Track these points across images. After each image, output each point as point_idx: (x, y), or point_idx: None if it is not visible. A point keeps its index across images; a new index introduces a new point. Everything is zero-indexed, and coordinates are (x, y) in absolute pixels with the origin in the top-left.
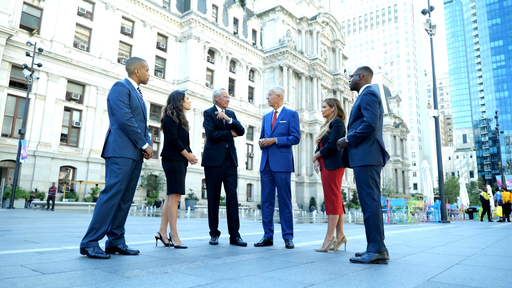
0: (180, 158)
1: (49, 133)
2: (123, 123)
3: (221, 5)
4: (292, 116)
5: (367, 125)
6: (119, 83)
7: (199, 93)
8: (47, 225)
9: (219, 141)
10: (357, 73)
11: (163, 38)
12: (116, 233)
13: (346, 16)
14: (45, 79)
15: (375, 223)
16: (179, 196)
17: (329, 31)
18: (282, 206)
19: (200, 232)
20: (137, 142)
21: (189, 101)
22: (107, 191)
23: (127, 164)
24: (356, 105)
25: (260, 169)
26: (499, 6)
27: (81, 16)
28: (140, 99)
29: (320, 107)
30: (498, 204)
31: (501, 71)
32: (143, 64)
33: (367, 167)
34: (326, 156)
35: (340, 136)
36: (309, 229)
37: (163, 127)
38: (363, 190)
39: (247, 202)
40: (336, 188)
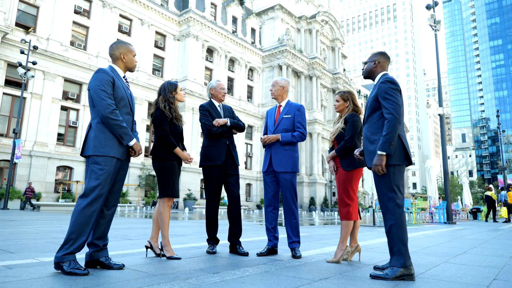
0: (172, 157)
1: (46, 133)
2: (105, 116)
3: (220, 3)
4: (298, 110)
5: (391, 118)
6: (101, 70)
7: (198, 92)
8: (33, 230)
9: (219, 138)
10: (371, 59)
11: (161, 37)
12: (98, 244)
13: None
14: (41, 78)
15: (399, 233)
16: (172, 200)
17: (328, 30)
18: (287, 211)
19: (197, 238)
20: (122, 138)
21: (182, 93)
22: (86, 195)
23: (110, 163)
24: (373, 96)
25: (263, 169)
26: (498, 5)
27: (78, 14)
28: (126, 88)
29: (319, 106)
30: (503, 205)
31: (500, 70)
32: (129, 48)
33: (388, 167)
34: (343, 155)
35: (357, 132)
36: (314, 233)
37: (153, 123)
38: (384, 194)
39: (246, 202)
40: (353, 192)
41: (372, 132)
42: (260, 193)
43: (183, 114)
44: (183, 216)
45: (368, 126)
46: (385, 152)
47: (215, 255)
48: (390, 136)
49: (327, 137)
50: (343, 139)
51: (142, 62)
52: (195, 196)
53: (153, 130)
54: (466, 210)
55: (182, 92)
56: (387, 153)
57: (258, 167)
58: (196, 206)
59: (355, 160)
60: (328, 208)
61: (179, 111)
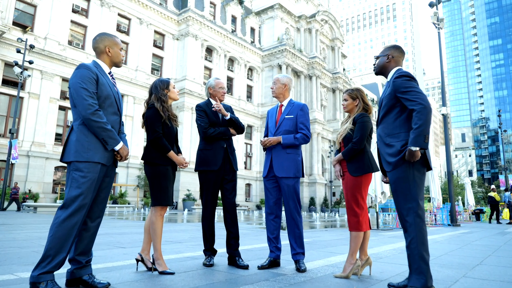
0: (165, 162)
1: (43, 133)
2: (87, 118)
3: (219, 2)
4: (301, 110)
5: (420, 108)
6: (83, 65)
7: (197, 92)
8: (21, 236)
9: (216, 141)
10: (384, 54)
11: (160, 36)
12: (80, 261)
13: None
14: (39, 78)
15: (419, 248)
16: (165, 209)
17: (328, 29)
18: (290, 220)
19: (194, 245)
20: (106, 142)
21: (176, 90)
22: (67, 206)
23: (93, 170)
24: (388, 93)
25: (263, 174)
26: (498, 5)
27: (76, 13)
28: (112, 86)
29: (319, 106)
30: (507, 206)
31: (500, 70)
32: (115, 41)
33: (407, 170)
34: (350, 159)
35: (366, 134)
36: (317, 238)
37: (144, 124)
38: (402, 204)
39: (246, 203)
40: (362, 199)
41: (388, 134)
42: (260, 193)
43: (181, 114)
44: (182, 218)
45: (383, 127)
46: (420, 147)
47: (213, 268)
48: (424, 127)
49: (327, 137)
50: (351, 141)
51: (141, 62)
52: (194, 196)
53: (146, 132)
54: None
55: (176, 90)
56: (422, 147)
57: (258, 167)
58: (195, 206)
59: (364, 164)
60: (328, 209)
61: (176, 112)
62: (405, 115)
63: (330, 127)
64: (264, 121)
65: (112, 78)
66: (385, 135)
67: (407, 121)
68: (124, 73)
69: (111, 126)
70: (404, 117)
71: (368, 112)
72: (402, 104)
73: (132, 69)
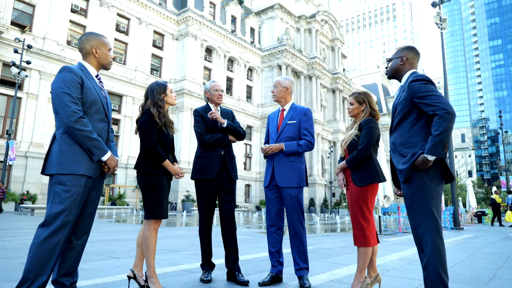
0: (160, 172)
1: (42, 133)
2: (70, 127)
3: (219, 2)
4: (304, 115)
5: (443, 112)
6: (66, 68)
7: (196, 92)
8: (12, 244)
9: (213, 148)
10: (398, 56)
11: (159, 36)
12: (64, 283)
13: (345, 15)
14: (38, 78)
15: (437, 270)
16: (159, 222)
17: (328, 30)
18: (293, 234)
19: (191, 255)
20: (92, 152)
21: (173, 95)
22: (48, 223)
23: (78, 183)
24: (403, 99)
25: (264, 184)
26: (498, 5)
27: (74, 13)
28: (99, 90)
29: (319, 106)
30: (510, 209)
31: (500, 71)
32: (103, 41)
33: (423, 185)
34: (355, 167)
35: (373, 141)
36: (319, 245)
37: (138, 130)
38: (417, 220)
39: (245, 203)
40: (368, 211)
41: (403, 143)
42: (259, 194)
43: (181, 115)
44: (180, 221)
45: (397, 135)
46: (437, 156)
47: (210, 284)
48: (445, 135)
49: (326, 138)
50: (355, 148)
51: (140, 62)
52: (194, 197)
53: (139, 139)
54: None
55: (173, 94)
56: (440, 157)
57: (257, 168)
58: (194, 208)
59: (370, 173)
60: (328, 210)
61: (175, 112)
62: (422, 122)
63: (330, 127)
64: (264, 121)
65: (99, 81)
66: (399, 144)
67: (424, 129)
68: (123, 73)
69: (97, 134)
70: (421, 125)
71: (375, 118)
72: (419, 110)
73: (131, 69)
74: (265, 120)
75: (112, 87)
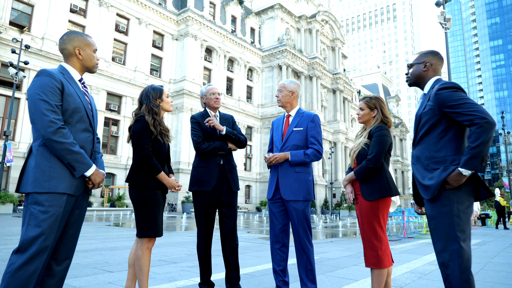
0: (155, 185)
1: None
2: (47, 138)
3: (219, 2)
4: (311, 121)
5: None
6: (44, 72)
7: (196, 93)
8: (2, 254)
9: (211, 157)
10: (421, 61)
11: (159, 36)
12: None
13: (345, 15)
14: None
15: None
16: (153, 240)
17: (328, 30)
18: (300, 252)
19: (190, 267)
20: (73, 167)
21: (169, 100)
22: (23, 249)
23: (57, 203)
24: (429, 109)
25: (268, 196)
26: (499, 5)
27: (73, 13)
28: (83, 96)
29: (319, 106)
30: None
31: (500, 71)
32: (87, 41)
33: (451, 203)
34: (364, 179)
35: (384, 150)
36: (323, 255)
37: (131, 139)
38: (442, 245)
39: (245, 204)
40: (381, 228)
41: (430, 157)
42: (260, 195)
43: (180, 115)
44: (180, 224)
45: (422, 148)
46: (474, 170)
47: None
48: (484, 147)
49: (327, 138)
50: (365, 157)
51: (139, 62)
52: None
53: (132, 148)
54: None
55: (169, 99)
56: (477, 171)
57: (258, 168)
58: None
59: (381, 186)
60: (328, 210)
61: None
62: (451, 134)
63: (331, 128)
64: (264, 122)
65: (83, 86)
66: (426, 158)
67: (455, 142)
68: (123, 74)
69: (80, 146)
70: (450, 137)
71: (388, 125)
72: (448, 121)
73: (131, 69)
74: (266, 121)
75: (111, 87)
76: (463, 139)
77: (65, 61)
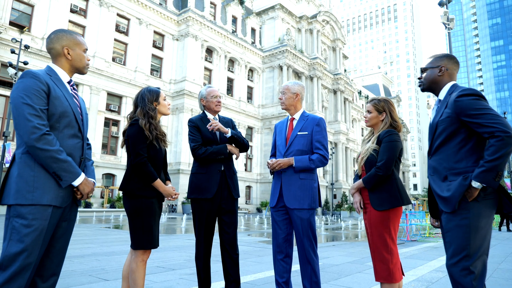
0: (150, 193)
1: None
2: (31, 146)
3: (219, 2)
4: (317, 125)
5: (505, 136)
6: (29, 73)
7: (197, 93)
8: None
9: (211, 163)
10: (435, 65)
11: (159, 37)
12: None
13: (345, 15)
14: None
15: None
16: (148, 253)
17: (329, 30)
18: (305, 263)
19: (189, 275)
20: (59, 176)
21: (167, 103)
22: (5, 267)
23: (42, 216)
24: (447, 116)
25: (271, 204)
26: (500, 6)
27: (74, 13)
28: (71, 99)
29: (320, 107)
30: None
31: (501, 71)
32: (77, 40)
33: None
34: (374, 188)
35: (395, 157)
36: (326, 260)
37: (125, 143)
38: (456, 257)
39: (246, 205)
40: (391, 240)
41: (449, 168)
42: (260, 195)
43: (181, 116)
44: (180, 226)
45: (440, 158)
46: (486, 184)
47: None
48: (500, 162)
49: (327, 139)
50: (374, 164)
51: (140, 62)
52: None
53: (126, 154)
54: None
55: (166, 102)
56: (490, 186)
57: (258, 169)
58: None
59: (391, 195)
60: (329, 211)
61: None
62: (472, 144)
63: (331, 128)
64: (265, 122)
65: (73, 89)
66: (444, 169)
67: (476, 152)
68: (123, 74)
69: (68, 153)
70: (471, 147)
71: (397, 130)
72: (468, 129)
73: (131, 70)
74: (266, 121)
75: (111, 87)
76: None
77: (53, 61)
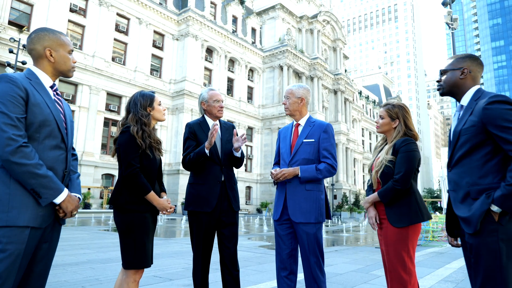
0: (143, 207)
1: None
2: (6, 160)
3: (220, 2)
4: (324, 132)
5: None
6: (5, 78)
7: (197, 93)
8: None
9: (210, 173)
10: (457, 67)
11: (159, 36)
12: None
13: (346, 15)
14: None
15: None
16: (141, 272)
17: (330, 30)
18: (311, 281)
19: (187, 286)
20: (38, 193)
21: (162, 108)
22: None
23: (18, 239)
24: (472, 125)
25: (275, 217)
26: (500, 6)
27: (73, 13)
28: (53, 106)
29: (320, 107)
30: None
31: (502, 72)
32: (61, 40)
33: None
34: (390, 202)
35: (414, 168)
36: (329, 268)
37: (116, 152)
38: (481, 284)
39: (246, 206)
40: (410, 259)
41: (472, 183)
42: (260, 196)
43: (181, 116)
44: (179, 229)
45: (462, 172)
46: (505, 209)
47: None
48: None
49: None
50: (390, 177)
51: (140, 62)
52: None
53: (118, 164)
54: None
55: (162, 107)
56: (508, 211)
57: (258, 169)
58: None
59: (411, 210)
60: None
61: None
62: (500, 158)
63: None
64: (265, 123)
65: (56, 94)
66: (467, 185)
67: (504, 167)
68: (123, 74)
69: (49, 167)
70: (498, 161)
71: (414, 139)
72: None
73: (131, 69)
74: (266, 122)
75: (111, 87)
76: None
77: (34, 63)
